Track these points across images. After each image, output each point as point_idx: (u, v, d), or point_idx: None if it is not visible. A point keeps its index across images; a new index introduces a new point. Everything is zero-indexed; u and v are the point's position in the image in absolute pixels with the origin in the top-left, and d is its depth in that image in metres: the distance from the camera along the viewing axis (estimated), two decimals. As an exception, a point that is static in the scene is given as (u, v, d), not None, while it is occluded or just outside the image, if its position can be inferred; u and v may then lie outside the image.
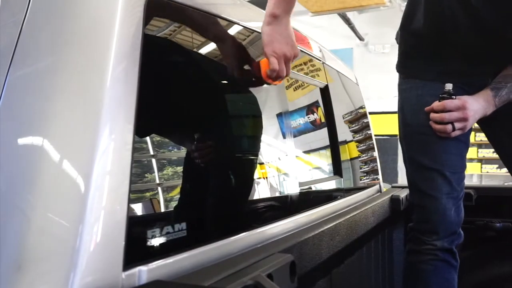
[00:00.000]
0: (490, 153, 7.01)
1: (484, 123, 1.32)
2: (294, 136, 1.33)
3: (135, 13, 0.72)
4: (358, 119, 1.90)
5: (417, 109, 1.27)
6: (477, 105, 1.19)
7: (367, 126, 1.98)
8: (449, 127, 1.18)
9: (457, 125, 1.19)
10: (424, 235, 1.25)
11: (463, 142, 1.25)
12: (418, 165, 1.27)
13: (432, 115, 1.21)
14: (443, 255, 1.24)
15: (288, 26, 1.01)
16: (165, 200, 0.79)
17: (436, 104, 1.20)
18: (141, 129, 0.69)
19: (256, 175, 1.07)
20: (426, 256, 1.25)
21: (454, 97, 1.19)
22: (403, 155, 1.37)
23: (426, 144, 1.25)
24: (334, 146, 1.56)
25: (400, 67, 1.38)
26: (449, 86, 1.20)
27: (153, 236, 0.69)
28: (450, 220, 1.22)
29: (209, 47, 0.99)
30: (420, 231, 1.27)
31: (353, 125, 1.85)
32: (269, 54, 0.97)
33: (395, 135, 1.78)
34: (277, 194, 1.17)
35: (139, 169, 0.73)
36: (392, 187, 2.07)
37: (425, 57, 1.28)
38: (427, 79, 1.26)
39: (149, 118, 0.75)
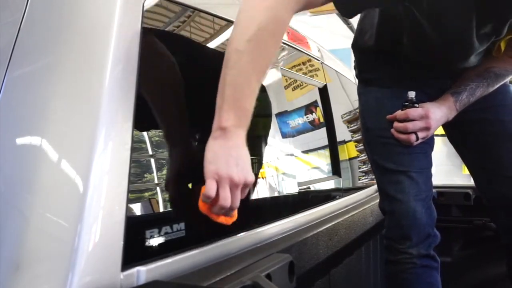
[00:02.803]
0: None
1: (448, 127, 1.32)
2: (293, 136, 1.33)
3: (134, 12, 0.72)
4: (357, 119, 1.90)
5: (377, 112, 1.25)
6: (439, 113, 1.19)
7: (365, 126, 1.98)
8: (413, 137, 1.17)
9: (420, 134, 1.17)
10: (397, 243, 1.22)
11: (426, 142, 1.24)
12: (383, 169, 1.24)
13: (396, 124, 1.19)
14: (421, 261, 1.21)
15: (241, 144, 0.78)
16: (164, 200, 0.79)
17: (399, 113, 1.18)
18: (140, 126, 0.69)
19: (255, 175, 1.07)
20: (405, 265, 1.22)
21: (417, 105, 1.18)
22: (369, 160, 1.35)
23: (389, 148, 1.23)
24: (333, 146, 1.56)
25: (358, 76, 1.38)
26: (412, 94, 1.18)
27: (152, 236, 0.69)
28: (421, 223, 1.19)
29: (209, 46, 0.98)
30: (393, 238, 1.24)
31: (352, 125, 1.85)
32: (209, 175, 0.74)
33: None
34: (276, 194, 1.17)
35: (137, 169, 0.73)
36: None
37: (380, 70, 1.27)
38: (385, 87, 1.26)
39: (148, 117, 0.75)
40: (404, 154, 1.21)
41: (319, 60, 1.60)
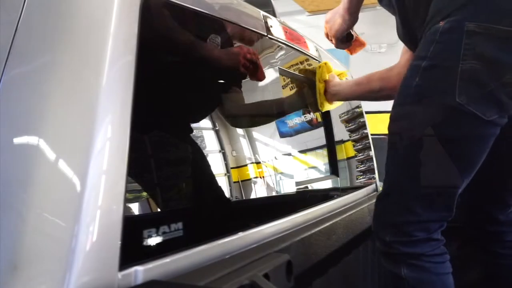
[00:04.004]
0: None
1: None
2: (291, 136, 1.33)
3: (131, 12, 0.72)
4: (355, 119, 1.90)
5: None
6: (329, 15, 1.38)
7: (363, 126, 1.98)
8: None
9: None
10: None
11: None
12: None
13: None
14: None
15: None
16: (162, 200, 0.79)
17: None
18: (139, 127, 0.69)
19: (253, 175, 1.07)
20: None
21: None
22: None
23: None
24: (331, 145, 1.56)
25: None
26: None
27: (150, 236, 0.69)
28: None
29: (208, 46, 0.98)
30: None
31: (350, 125, 1.85)
32: None
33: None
34: (274, 194, 1.17)
35: (135, 169, 0.73)
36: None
37: None
38: None
39: (146, 117, 0.75)
40: None
41: (317, 60, 1.60)
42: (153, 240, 0.70)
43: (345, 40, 1.44)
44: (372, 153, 1.99)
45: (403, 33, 1.19)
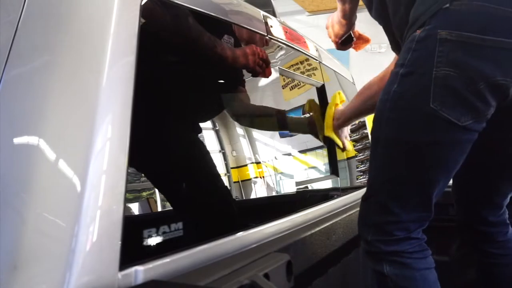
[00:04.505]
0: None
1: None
2: (291, 136, 1.33)
3: (131, 12, 0.72)
4: (355, 119, 1.90)
5: None
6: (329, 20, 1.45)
7: (363, 126, 1.98)
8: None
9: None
10: None
11: None
12: None
13: None
14: None
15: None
16: (162, 200, 0.79)
17: None
18: (139, 127, 0.69)
19: (253, 175, 1.07)
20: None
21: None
22: None
23: None
24: (331, 145, 1.56)
25: None
26: None
27: (150, 236, 0.69)
28: None
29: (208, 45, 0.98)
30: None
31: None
32: None
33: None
34: (274, 194, 1.17)
35: (135, 169, 0.73)
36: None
37: None
38: None
39: (146, 117, 0.75)
40: None
41: (317, 60, 1.60)
42: (153, 240, 0.70)
43: (346, 42, 1.49)
44: (372, 153, 1.98)
45: (390, 41, 1.22)
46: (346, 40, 1.48)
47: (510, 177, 1.24)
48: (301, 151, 1.41)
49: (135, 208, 0.72)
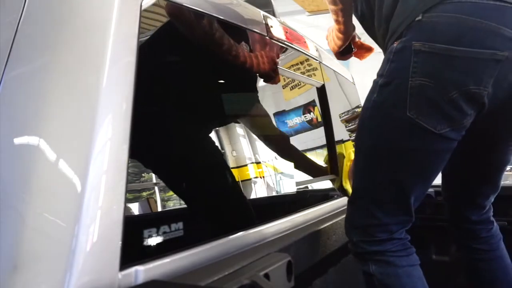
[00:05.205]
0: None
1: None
2: (291, 136, 1.33)
3: (131, 13, 0.72)
4: (355, 118, 1.90)
5: None
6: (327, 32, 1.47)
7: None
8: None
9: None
10: None
11: None
12: None
13: None
14: None
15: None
16: (162, 200, 0.79)
17: None
18: (139, 128, 0.69)
19: (253, 175, 1.07)
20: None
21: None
22: None
23: None
24: (331, 145, 1.56)
25: None
26: None
27: (150, 236, 0.69)
28: None
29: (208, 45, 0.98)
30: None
31: (350, 124, 1.85)
32: None
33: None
34: (274, 194, 1.17)
35: (135, 169, 0.73)
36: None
37: None
38: None
39: (146, 117, 0.75)
40: None
41: (317, 60, 1.60)
42: (154, 240, 0.70)
43: (345, 52, 1.52)
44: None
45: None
46: (346, 50, 1.50)
47: (491, 181, 1.29)
48: (301, 151, 1.41)
49: (135, 208, 0.72)
